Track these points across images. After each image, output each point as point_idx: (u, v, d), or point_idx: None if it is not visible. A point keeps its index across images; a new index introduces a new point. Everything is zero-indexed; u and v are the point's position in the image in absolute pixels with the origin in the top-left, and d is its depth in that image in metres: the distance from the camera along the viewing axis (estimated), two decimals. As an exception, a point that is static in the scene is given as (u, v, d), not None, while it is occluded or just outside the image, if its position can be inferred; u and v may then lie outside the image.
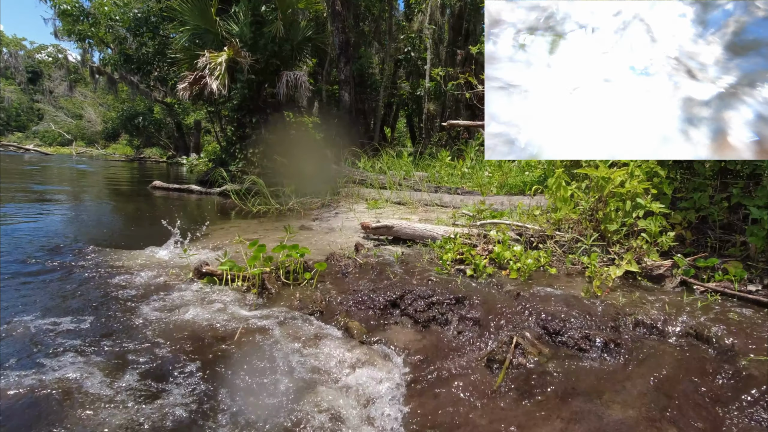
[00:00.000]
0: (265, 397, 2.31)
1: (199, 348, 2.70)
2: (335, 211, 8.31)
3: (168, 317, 3.10)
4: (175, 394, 2.29)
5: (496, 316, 3.12)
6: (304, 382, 2.46)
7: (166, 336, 2.81)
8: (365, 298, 3.41)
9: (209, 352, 2.63)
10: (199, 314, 3.12)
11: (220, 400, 2.28)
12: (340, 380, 2.54)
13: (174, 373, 2.46)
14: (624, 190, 3.61)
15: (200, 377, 2.41)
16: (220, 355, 2.62)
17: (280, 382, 2.45)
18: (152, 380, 2.39)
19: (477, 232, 4.59)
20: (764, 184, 3.32)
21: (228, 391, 2.36)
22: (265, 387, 2.40)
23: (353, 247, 5.06)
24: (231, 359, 2.56)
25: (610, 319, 2.88)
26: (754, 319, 2.80)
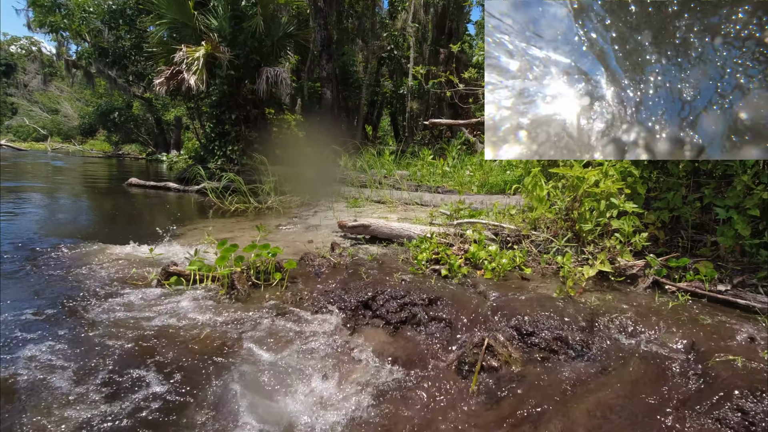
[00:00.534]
0: (221, 406, 2.21)
1: (151, 351, 2.58)
2: (314, 210, 8.20)
3: (124, 319, 2.96)
4: (120, 399, 2.17)
5: (469, 317, 3.07)
6: (267, 390, 2.37)
7: (117, 338, 2.67)
8: (337, 298, 3.33)
9: (166, 355, 2.51)
10: (158, 316, 2.99)
11: (173, 406, 2.18)
12: (305, 385, 2.46)
13: (122, 378, 2.34)
14: (598, 190, 3.59)
15: (154, 382, 2.30)
16: (177, 358, 2.51)
17: (241, 390, 2.35)
18: (98, 383, 2.28)
19: (454, 232, 4.54)
20: (734, 185, 3.34)
21: (180, 396, 2.25)
22: (222, 395, 2.30)
23: (329, 246, 4.97)
24: (188, 363, 2.45)
25: (582, 320, 2.85)
26: (723, 319, 2.81)
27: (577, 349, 2.70)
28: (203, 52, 9.60)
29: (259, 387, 2.35)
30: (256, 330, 2.84)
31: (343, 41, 16.89)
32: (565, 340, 2.75)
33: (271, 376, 2.44)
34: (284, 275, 3.73)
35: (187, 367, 2.43)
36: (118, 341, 2.63)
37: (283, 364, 2.56)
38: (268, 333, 2.82)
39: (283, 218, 7.51)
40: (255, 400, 2.22)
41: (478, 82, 10.72)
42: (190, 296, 3.37)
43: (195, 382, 2.32)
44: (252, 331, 2.82)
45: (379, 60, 17.63)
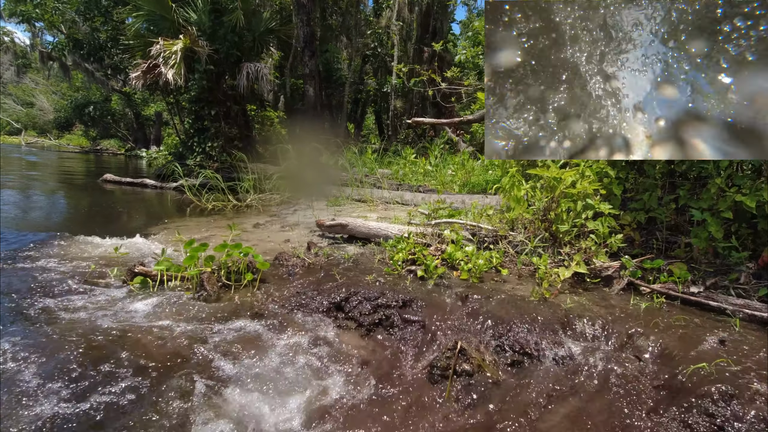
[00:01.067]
0: (170, 421, 2.11)
1: (101, 357, 2.44)
2: (294, 208, 8.08)
3: (77, 321, 2.81)
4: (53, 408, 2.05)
5: (444, 319, 3.01)
6: (231, 399, 2.27)
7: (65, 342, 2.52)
8: (308, 299, 3.24)
9: (116, 363, 2.39)
10: (116, 319, 2.86)
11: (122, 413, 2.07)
12: (269, 396, 2.36)
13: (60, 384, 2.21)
14: (575, 190, 3.57)
15: (97, 391, 2.18)
16: (128, 367, 2.39)
17: (198, 404, 2.25)
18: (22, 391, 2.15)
19: (432, 232, 4.49)
20: (709, 188, 3.35)
21: (125, 412, 2.14)
22: (174, 410, 2.19)
23: (306, 245, 4.87)
24: (140, 373, 2.33)
25: (556, 323, 2.82)
26: (695, 322, 2.80)
27: (551, 352, 2.66)
28: (181, 46, 9.36)
29: (218, 401, 2.24)
30: (220, 335, 2.73)
31: (327, 38, 16.71)
32: (539, 343, 2.71)
33: (233, 388, 2.33)
34: (256, 276, 3.62)
35: (137, 378, 2.30)
36: (66, 345, 2.48)
37: (246, 374, 2.46)
38: (234, 339, 2.71)
39: (261, 216, 7.37)
40: (210, 416, 2.11)
41: (460, 81, 10.70)
42: (155, 298, 3.24)
43: (144, 396, 2.19)
44: (216, 336, 2.71)
45: (363, 57, 17.51)
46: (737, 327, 2.72)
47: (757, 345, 2.44)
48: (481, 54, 8.83)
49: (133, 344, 2.51)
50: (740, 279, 3.14)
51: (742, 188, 3.21)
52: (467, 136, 12.70)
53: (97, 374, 2.26)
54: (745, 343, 2.47)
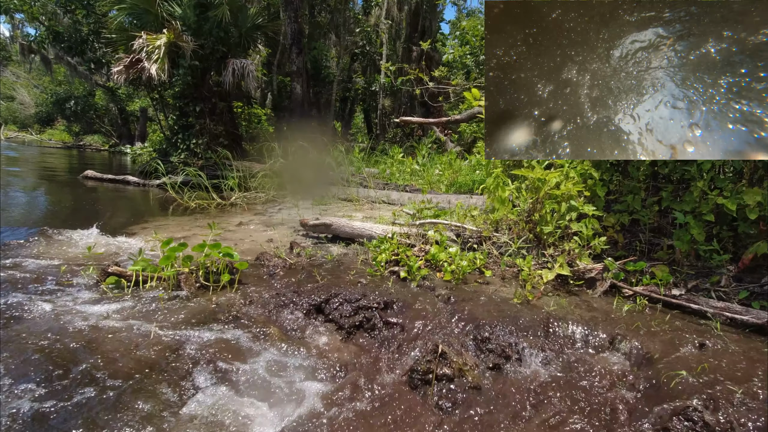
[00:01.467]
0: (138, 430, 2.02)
1: (63, 365, 2.35)
2: (279, 207, 7.98)
3: (39, 324, 2.70)
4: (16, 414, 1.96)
5: (425, 322, 2.96)
6: (201, 411, 2.19)
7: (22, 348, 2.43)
8: (288, 301, 3.17)
9: (79, 371, 2.29)
10: (83, 322, 2.75)
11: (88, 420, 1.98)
12: (246, 400, 2.29)
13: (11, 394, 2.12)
14: (559, 192, 3.55)
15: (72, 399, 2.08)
16: (101, 372, 2.30)
17: (182, 411, 2.16)
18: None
19: (416, 232, 4.44)
20: (691, 191, 3.35)
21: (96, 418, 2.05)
22: (143, 415, 2.11)
23: (288, 245, 4.79)
24: (111, 377, 2.24)
25: (538, 326, 2.79)
26: (676, 325, 2.79)
27: (533, 356, 2.63)
28: (165, 41, 9.17)
29: (186, 412, 2.16)
30: (192, 340, 2.64)
31: (316, 35, 16.58)
32: (520, 347, 2.67)
33: (204, 397, 2.25)
34: (235, 277, 3.53)
35: (98, 387, 2.20)
36: (23, 350, 2.38)
37: (219, 382, 2.38)
38: (207, 343, 2.62)
39: (246, 215, 7.26)
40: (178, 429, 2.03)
41: (448, 80, 10.68)
42: (127, 299, 3.14)
43: (106, 406, 2.09)
44: (188, 341, 2.62)
45: (351, 56, 17.41)
46: (718, 330, 2.72)
47: (736, 350, 2.44)
48: (468, 53, 8.83)
49: (96, 350, 2.42)
50: (721, 282, 3.14)
51: (723, 191, 3.22)
52: (455, 135, 12.70)
53: (56, 381, 2.16)
54: (725, 347, 2.47)
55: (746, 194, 3.10)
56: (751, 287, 3.08)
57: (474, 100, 5.28)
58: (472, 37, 8.92)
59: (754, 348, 2.48)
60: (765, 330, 2.69)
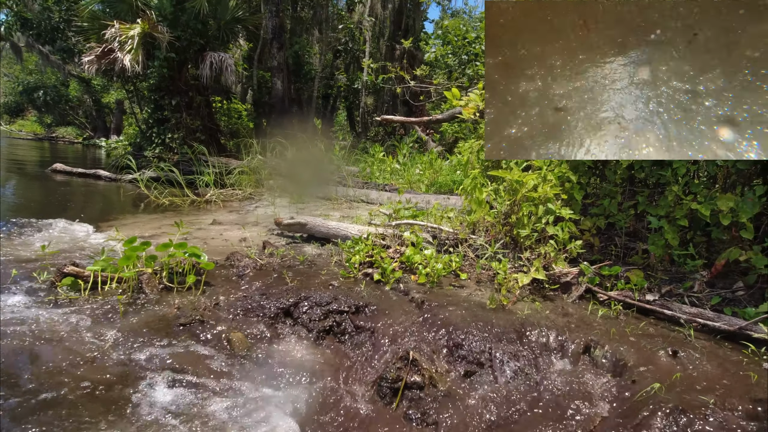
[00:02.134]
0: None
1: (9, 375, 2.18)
2: (256, 205, 7.79)
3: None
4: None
5: (397, 326, 2.87)
6: (157, 427, 2.05)
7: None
8: (255, 304, 3.04)
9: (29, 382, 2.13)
10: (31, 328, 2.57)
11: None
12: (203, 413, 2.15)
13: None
14: (536, 194, 3.50)
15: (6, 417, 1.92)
16: (41, 386, 2.14)
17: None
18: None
19: (392, 233, 4.34)
20: (666, 195, 3.34)
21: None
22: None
23: (261, 244, 4.64)
24: (51, 392, 2.08)
25: (512, 333, 2.72)
26: (650, 332, 2.76)
27: (506, 363, 2.56)
28: (139, 31, 8.86)
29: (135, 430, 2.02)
30: (148, 347, 2.49)
31: (298, 31, 16.33)
32: (493, 353, 2.60)
33: (157, 415, 2.11)
34: (201, 278, 3.38)
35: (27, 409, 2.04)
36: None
37: (176, 397, 2.24)
38: (165, 353, 2.47)
39: (220, 213, 7.07)
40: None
41: (430, 80, 10.61)
42: (81, 303, 2.96)
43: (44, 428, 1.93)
44: (143, 349, 2.47)
45: (334, 52, 17.22)
46: (691, 337, 2.70)
47: (709, 358, 2.41)
48: (450, 53, 8.77)
49: (36, 361, 2.25)
50: (694, 287, 3.14)
51: (698, 196, 3.21)
52: (437, 135, 12.66)
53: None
54: (697, 355, 2.44)
55: (720, 200, 3.09)
56: (723, 293, 3.08)
57: (454, 100, 5.22)
58: (454, 36, 8.86)
59: (725, 357, 2.46)
60: (736, 337, 2.68)
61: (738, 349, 2.58)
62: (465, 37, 8.74)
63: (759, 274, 2.97)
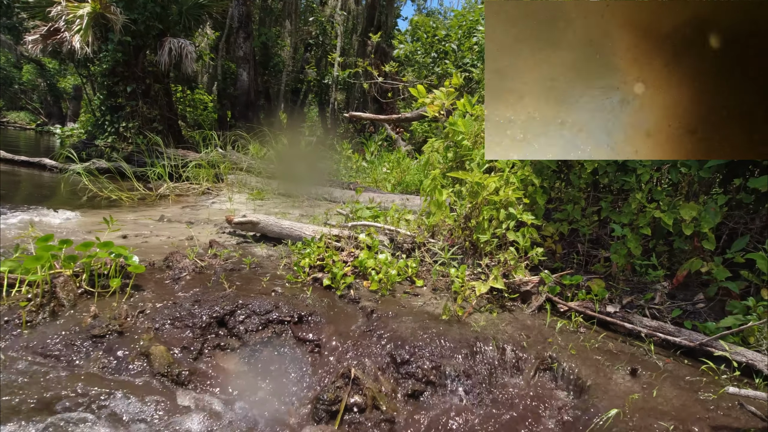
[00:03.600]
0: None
1: None
2: (212, 200, 7.38)
3: None
4: None
5: (343, 339, 2.62)
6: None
7: None
8: (185, 313, 2.72)
9: None
10: None
11: None
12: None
13: None
14: (498, 198, 3.32)
15: None
16: None
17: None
18: None
19: (348, 234, 4.09)
20: (629, 202, 3.21)
21: None
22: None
23: (208, 244, 4.30)
24: None
25: (465, 348, 2.51)
26: (609, 348, 2.61)
27: (456, 382, 2.35)
28: (89, 11, 8.26)
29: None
30: (48, 367, 2.15)
31: (268, 22, 15.82)
32: (443, 371, 2.39)
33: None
34: (129, 281, 3.02)
35: None
36: None
37: (82, 411, 1.91)
38: (64, 375, 2.14)
39: (172, 208, 6.63)
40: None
41: (398, 76, 10.39)
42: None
43: None
44: (38, 368, 2.13)
45: (305, 46, 16.78)
46: (651, 353, 2.56)
47: (668, 377, 2.27)
48: (419, 50, 8.56)
49: None
50: (655, 299, 3.02)
51: (661, 204, 3.10)
52: (407, 134, 12.47)
53: None
54: (656, 375, 2.30)
55: (683, 209, 2.98)
56: (684, 305, 2.97)
57: (419, 97, 5.00)
58: (423, 33, 8.67)
59: (685, 376, 2.32)
60: (696, 353, 2.56)
61: (697, 366, 2.45)
62: (435, 34, 8.55)
63: (719, 286, 2.87)
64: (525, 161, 3.55)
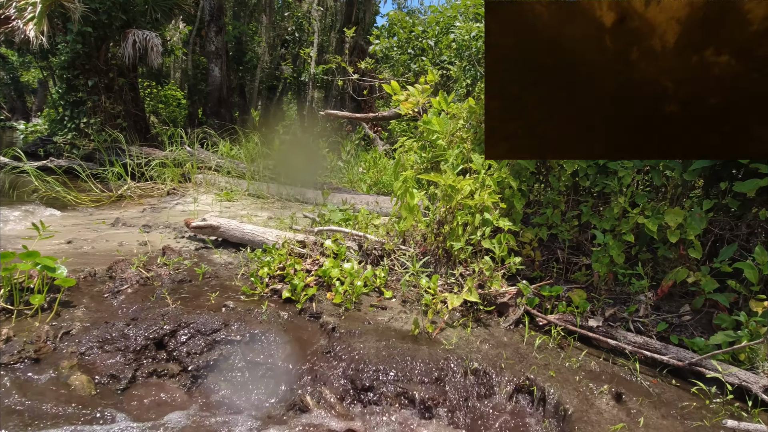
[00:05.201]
0: None
1: None
2: (177, 201, 6.96)
3: None
4: None
5: (300, 361, 2.33)
6: None
7: None
8: (118, 334, 2.38)
9: None
10: None
11: None
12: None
13: None
14: (473, 202, 3.07)
15: None
16: None
17: None
18: None
19: (314, 240, 3.79)
20: (612, 207, 3.01)
21: None
22: None
23: (161, 250, 3.94)
24: None
25: (435, 370, 2.25)
26: (591, 368, 2.39)
27: (426, 411, 2.09)
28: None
29: None
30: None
31: (242, 16, 15.31)
32: (410, 396, 2.12)
33: None
34: (57, 296, 2.67)
35: None
36: None
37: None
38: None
39: (131, 210, 6.20)
40: None
41: (375, 73, 10.11)
42: None
43: None
44: None
45: (282, 42, 16.33)
46: (636, 372, 2.35)
47: (656, 404, 2.05)
48: (395, 46, 8.29)
49: None
50: (639, 311, 2.82)
51: (644, 210, 2.90)
52: (384, 133, 12.20)
53: None
54: (642, 398, 2.08)
55: (668, 214, 2.79)
56: (670, 317, 2.78)
57: (393, 94, 4.73)
58: (400, 28, 8.41)
59: (674, 401, 2.11)
60: (683, 373, 2.36)
61: (686, 387, 2.25)
62: (412, 30, 8.29)
63: (706, 298, 2.68)
64: (501, 163, 3.32)
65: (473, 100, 3.93)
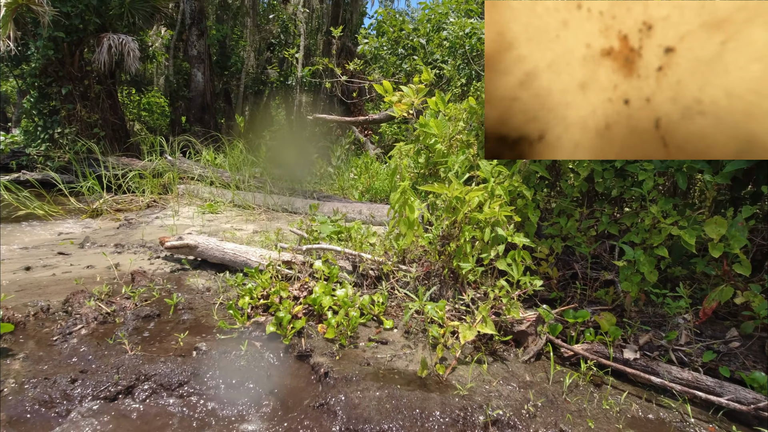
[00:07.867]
0: None
1: None
2: (156, 215, 6.48)
3: None
4: None
5: (284, 420, 1.91)
6: None
7: None
8: (59, 393, 1.94)
9: None
10: None
11: None
12: None
13: None
14: (482, 215, 2.67)
15: None
16: None
17: None
18: None
19: (303, 259, 3.37)
20: (643, 218, 2.62)
21: None
22: None
23: (130, 276, 3.50)
24: None
25: (452, 422, 1.85)
26: (633, 413, 1.99)
27: (440, 484, 1.68)
28: (8, 0, 7.22)
29: None
30: None
31: (227, 19, 14.83)
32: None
33: None
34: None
35: None
36: None
37: None
38: None
39: (106, 225, 5.73)
40: None
41: (364, 75, 9.71)
42: None
43: None
44: None
45: (267, 45, 15.87)
46: (689, 417, 1.96)
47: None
48: (384, 45, 7.89)
49: None
50: (680, 338, 2.44)
51: (679, 221, 2.52)
52: (375, 137, 11.79)
53: None
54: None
55: (708, 225, 2.41)
56: (715, 345, 2.40)
57: (385, 94, 4.33)
58: (389, 27, 8.02)
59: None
60: (744, 417, 1.98)
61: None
62: (402, 28, 7.91)
63: (761, 323, 2.31)
64: (513, 170, 2.93)
65: (473, 100, 3.54)
